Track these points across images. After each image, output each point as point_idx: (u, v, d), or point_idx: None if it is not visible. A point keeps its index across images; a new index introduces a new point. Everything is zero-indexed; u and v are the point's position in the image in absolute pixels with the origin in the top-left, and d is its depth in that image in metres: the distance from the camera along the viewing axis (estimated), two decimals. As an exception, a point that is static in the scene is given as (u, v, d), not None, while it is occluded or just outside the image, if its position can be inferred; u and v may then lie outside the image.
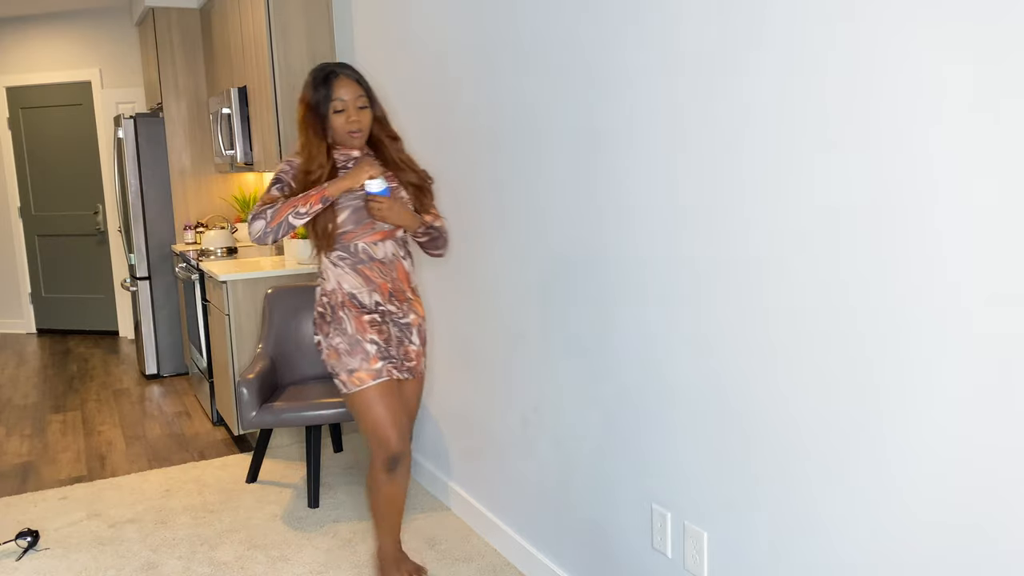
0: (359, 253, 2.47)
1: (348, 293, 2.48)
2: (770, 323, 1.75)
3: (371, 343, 2.47)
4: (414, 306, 2.58)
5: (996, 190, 1.30)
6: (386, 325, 2.51)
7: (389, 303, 2.51)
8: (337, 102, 2.40)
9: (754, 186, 1.75)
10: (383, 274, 2.49)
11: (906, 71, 1.41)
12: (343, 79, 2.42)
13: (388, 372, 2.49)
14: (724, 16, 1.77)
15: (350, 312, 2.47)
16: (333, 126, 2.42)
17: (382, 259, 2.49)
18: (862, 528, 1.60)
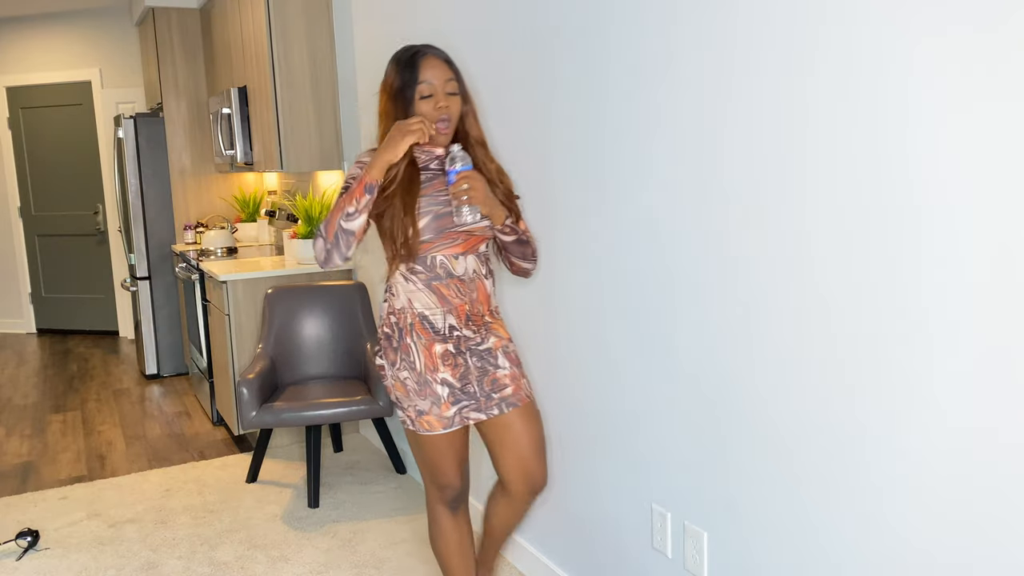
0: (436, 267, 2.07)
1: (420, 314, 2.08)
2: (772, 323, 1.75)
3: (443, 384, 2.08)
4: (494, 329, 2.16)
5: (996, 190, 1.30)
6: (462, 356, 2.10)
7: (465, 327, 2.10)
8: (424, 85, 2.01)
9: (768, 188, 1.75)
10: (461, 294, 2.08)
11: (901, 70, 1.41)
12: (432, 59, 2.04)
13: (463, 419, 2.11)
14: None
15: (419, 340, 2.08)
16: (420, 114, 2.03)
17: (461, 276, 2.08)
18: (862, 528, 1.60)
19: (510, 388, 2.13)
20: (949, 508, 1.43)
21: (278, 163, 4.04)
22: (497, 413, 2.13)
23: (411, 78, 2.02)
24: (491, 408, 2.12)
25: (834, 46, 1.54)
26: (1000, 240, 1.30)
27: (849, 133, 1.53)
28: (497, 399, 2.12)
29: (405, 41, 3.30)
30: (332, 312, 3.86)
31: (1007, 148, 1.28)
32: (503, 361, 2.14)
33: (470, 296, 2.10)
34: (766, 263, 1.74)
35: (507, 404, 2.13)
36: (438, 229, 2.05)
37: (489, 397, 2.12)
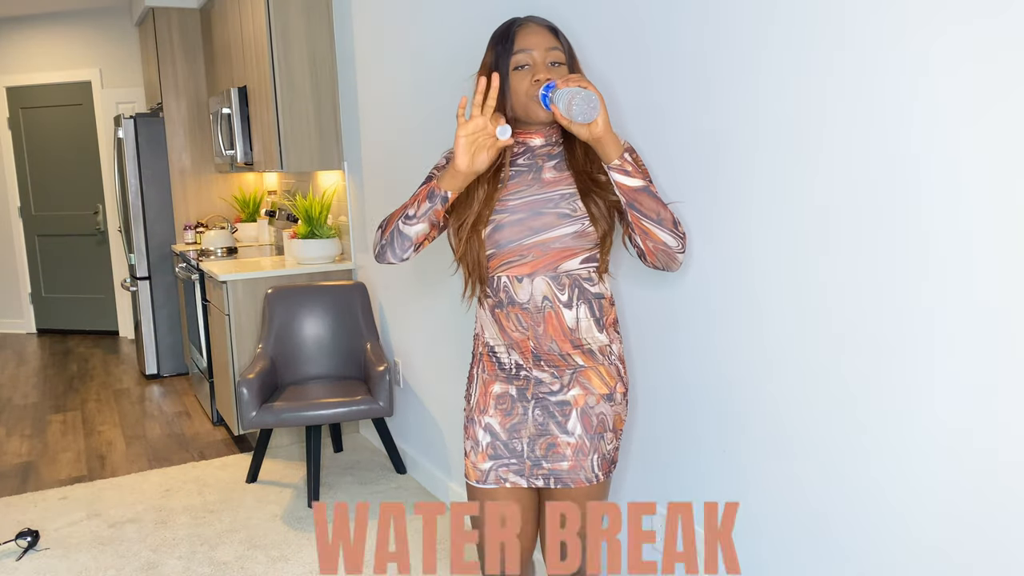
0: (500, 291, 1.72)
1: (488, 345, 1.76)
2: (773, 323, 1.75)
3: (485, 430, 1.76)
4: (584, 378, 1.72)
5: (997, 190, 1.30)
6: (523, 404, 1.73)
7: (536, 368, 1.72)
8: (520, 55, 1.65)
9: (761, 190, 1.75)
10: (522, 327, 1.71)
11: (909, 71, 1.41)
12: (531, 26, 1.68)
13: (498, 480, 1.75)
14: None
15: (483, 373, 1.78)
16: (514, 92, 1.66)
17: (524, 304, 1.70)
18: (862, 528, 1.60)
19: (568, 463, 1.72)
20: (951, 508, 1.43)
21: (278, 163, 4.04)
22: (542, 485, 1.74)
23: (505, 49, 1.66)
24: (536, 477, 1.74)
25: (843, 45, 1.54)
26: (1003, 240, 1.31)
27: (859, 136, 1.53)
28: (547, 469, 1.73)
29: (405, 41, 3.30)
30: (332, 312, 3.86)
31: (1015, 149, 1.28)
32: (575, 425, 1.71)
33: (535, 330, 1.70)
34: (769, 264, 1.74)
35: (556, 479, 1.73)
36: (501, 240, 1.68)
37: (537, 464, 1.73)
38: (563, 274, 1.69)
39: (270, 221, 5.15)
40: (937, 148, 1.38)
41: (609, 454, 1.74)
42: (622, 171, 1.58)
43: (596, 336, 1.72)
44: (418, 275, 3.44)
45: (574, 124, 1.53)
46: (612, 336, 1.74)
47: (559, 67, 1.66)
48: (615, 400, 1.73)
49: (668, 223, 1.63)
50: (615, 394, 1.73)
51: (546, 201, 1.68)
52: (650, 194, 1.61)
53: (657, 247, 1.64)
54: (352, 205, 4.12)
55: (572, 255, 1.68)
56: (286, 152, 4.04)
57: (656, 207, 1.62)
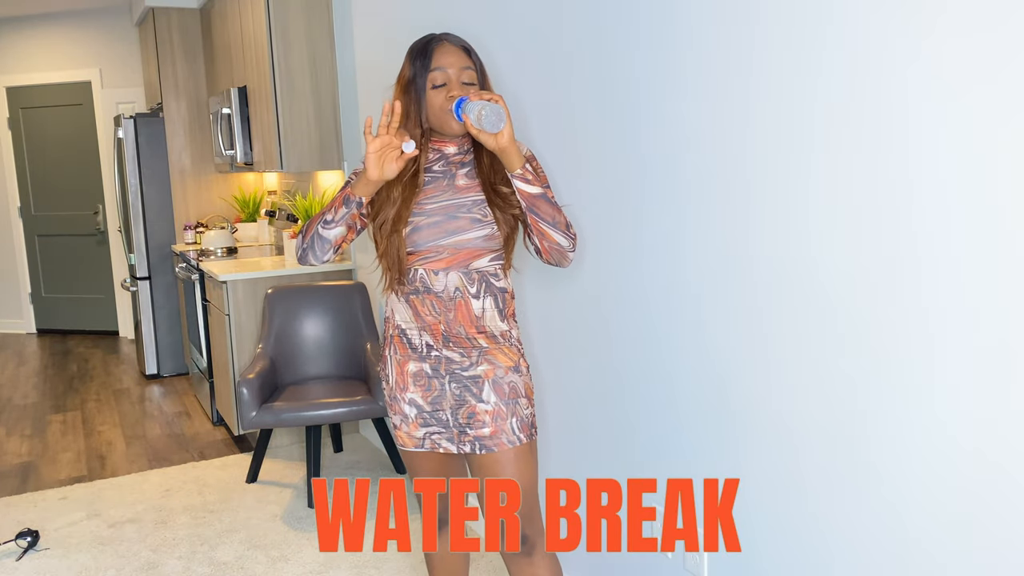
0: (416, 281, 1.90)
1: (399, 327, 1.95)
2: (771, 323, 1.75)
3: (410, 404, 1.94)
4: (490, 355, 1.90)
5: (996, 190, 1.30)
6: (439, 380, 1.91)
7: (446, 348, 1.90)
8: (437, 73, 1.83)
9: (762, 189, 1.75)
10: (435, 312, 1.89)
11: (900, 67, 1.41)
12: (447, 45, 1.85)
13: (433, 445, 1.94)
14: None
15: (395, 354, 1.96)
16: (430, 106, 1.84)
17: (439, 293, 1.89)
18: (863, 529, 1.60)
19: (488, 428, 1.88)
20: (953, 508, 1.43)
21: (278, 163, 4.05)
22: (469, 451, 1.90)
23: (423, 66, 1.84)
24: (463, 444, 1.91)
25: (838, 46, 1.54)
26: (1001, 239, 1.31)
27: (856, 130, 1.53)
28: (472, 436, 1.89)
29: (404, 41, 3.30)
30: (332, 312, 3.86)
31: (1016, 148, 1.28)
32: (489, 394, 1.88)
33: (446, 316, 1.88)
34: (768, 260, 1.74)
35: (481, 445, 1.89)
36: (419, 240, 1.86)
37: (463, 431, 1.90)
38: (473, 270, 1.89)
39: (270, 221, 5.15)
40: (938, 147, 1.38)
41: (527, 418, 1.93)
42: (523, 179, 1.79)
43: (498, 324, 1.93)
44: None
45: (483, 134, 1.73)
46: (511, 324, 1.96)
47: (471, 86, 1.85)
48: (521, 372, 1.94)
49: (561, 226, 1.84)
50: (519, 367, 1.94)
51: (459, 206, 1.87)
52: (547, 200, 1.82)
53: (551, 247, 1.87)
54: (352, 205, 4.12)
55: (482, 255, 1.89)
56: (286, 152, 4.04)
57: (552, 211, 1.83)
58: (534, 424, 1.94)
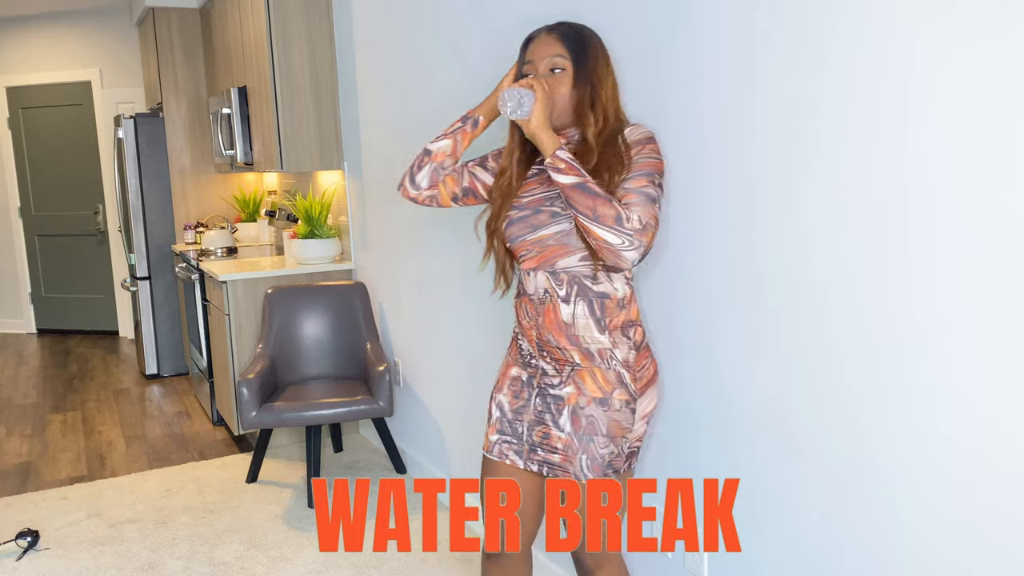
0: (519, 281, 1.83)
1: (515, 330, 1.90)
2: (769, 323, 1.75)
3: (497, 406, 1.87)
4: (579, 377, 1.74)
5: (996, 191, 1.30)
6: (528, 391, 1.83)
7: (542, 359, 1.79)
8: (526, 67, 1.77)
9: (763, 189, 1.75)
10: (529, 316, 1.79)
11: (901, 70, 1.41)
12: (542, 36, 1.76)
13: (502, 454, 1.85)
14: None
15: (509, 355, 1.90)
16: None
17: (531, 295, 1.78)
18: (863, 528, 1.60)
19: (558, 457, 1.76)
20: (953, 508, 1.43)
21: (278, 163, 4.05)
22: (536, 471, 1.81)
23: (520, 61, 1.79)
24: (532, 462, 1.81)
25: (840, 44, 1.54)
26: (1001, 238, 1.31)
27: (860, 134, 1.53)
28: (541, 457, 1.79)
29: (405, 41, 3.30)
30: (332, 312, 3.86)
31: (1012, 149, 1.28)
32: (565, 422, 1.74)
33: (537, 320, 1.76)
34: (769, 259, 1.74)
35: (549, 469, 1.78)
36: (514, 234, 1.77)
37: (534, 449, 1.80)
38: (561, 270, 1.73)
39: (270, 221, 5.15)
40: (938, 148, 1.38)
41: (602, 458, 1.73)
42: (555, 168, 1.64)
43: (596, 336, 1.72)
44: (418, 275, 3.44)
45: (517, 121, 1.67)
46: (617, 340, 1.73)
47: (560, 72, 1.72)
48: (610, 406, 1.72)
49: (606, 220, 1.61)
50: (611, 399, 1.72)
51: (545, 199, 1.76)
52: (585, 191, 1.62)
53: (598, 245, 1.64)
54: (352, 205, 4.13)
55: (568, 252, 1.72)
56: (286, 152, 4.04)
57: (592, 204, 1.62)
58: (613, 465, 1.75)
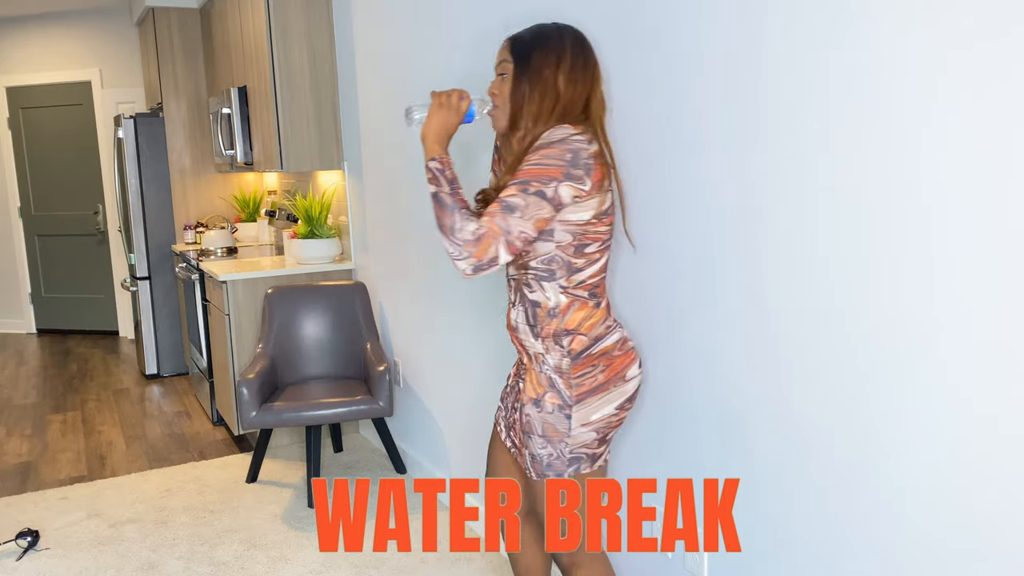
0: None
1: None
2: (770, 323, 1.75)
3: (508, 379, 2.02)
4: (527, 375, 1.84)
5: (997, 191, 1.30)
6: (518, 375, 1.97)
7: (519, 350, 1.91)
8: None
9: (763, 186, 1.75)
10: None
11: (912, 69, 1.41)
12: (504, 42, 1.83)
13: (496, 420, 2.02)
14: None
15: None
16: None
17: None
18: (864, 528, 1.60)
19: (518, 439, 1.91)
20: (952, 508, 1.43)
21: (278, 163, 4.05)
22: (510, 446, 1.95)
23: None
24: (507, 438, 1.96)
25: (841, 47, 1.54)
26: (1002, 237, 1.31)
27: (859, 131, 1.53)
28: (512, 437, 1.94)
29: (404, 41, 3.30)
30: (332, 312, 3.86)
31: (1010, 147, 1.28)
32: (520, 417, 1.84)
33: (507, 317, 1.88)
34: (771, 259, 1.74)
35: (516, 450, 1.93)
36: None
37: (511, 427, 1.95)
38: (510, 276, 1.83)
39: (270, 221, 5.15)
40: (940, 146, 1.38)
41: (541, 458, 1.78)
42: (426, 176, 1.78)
43: (532, 341, 1.79)
44: (418, 274, 3.44)
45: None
46: (549, 347, 1.77)
47: (503, 77, 1.79)
48: (543, 408, 1.77)
49: (444, 229, 1.68)
50: (543, 402, 1.77)
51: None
52: (437, 200, 1.70)
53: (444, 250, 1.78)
54: (352, 205, 4.12)
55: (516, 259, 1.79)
56: (286, 152, 4.04)
57: (439, 213, 1.70)
58: (554, 468, 1.78)
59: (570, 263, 1.74)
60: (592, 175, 1.69)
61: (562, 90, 1.73)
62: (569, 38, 1.77)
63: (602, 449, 1.81)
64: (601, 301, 1.80)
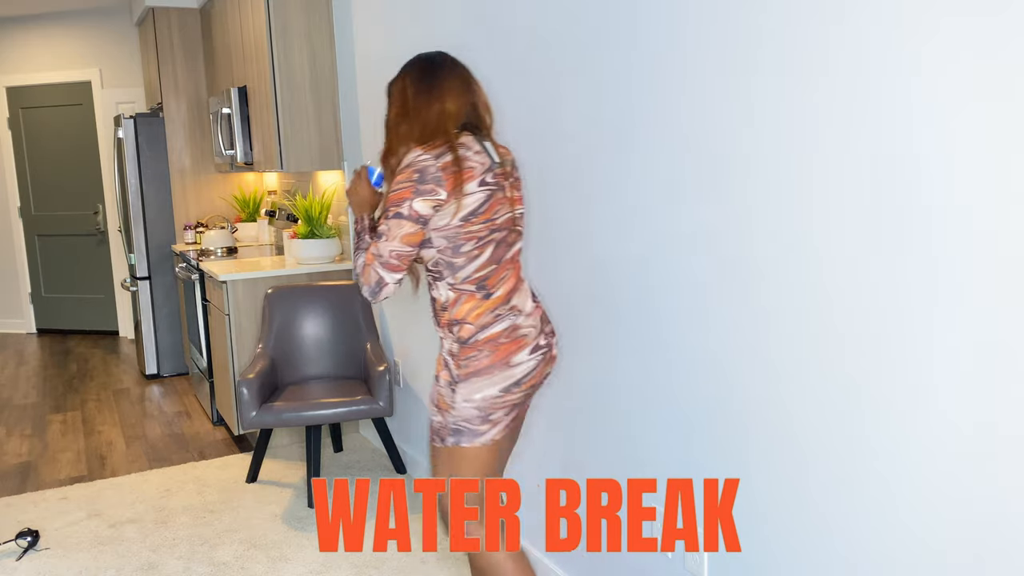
0: None
1: None
2: (771, 322, 1.75)
3: None
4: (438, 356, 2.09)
5: (997, 189, 1.30)
6: None
7: None
8: None
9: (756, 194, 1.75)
10: None
11: (905, 70, 1.42)
12: None
13: None
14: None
15: None
16: None
17: None
18: (862, 528, 1.60)
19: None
20: (952, 507, 1.43)
21: (278, 163, 4.05)
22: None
23: None
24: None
25: (841, 46, 1.54)
26: (1004, 238, 1.31)
27: (856, 132, 1.53)
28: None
29: (405, 41, 3.30)
30: (332, 312, 3.86)
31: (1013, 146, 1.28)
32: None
33: None
34: (770, 262, 1.74)
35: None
36: None
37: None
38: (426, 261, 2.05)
39: (270, 221, 5.15)
40: (938, 145, 1.38)
41: (431, 424, 2.03)
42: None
43: (436, 329, 2.06)
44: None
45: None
46: (445, 333, 2.02)
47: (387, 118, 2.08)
48: (439, 383, 2.01)
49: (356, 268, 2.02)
50: (439, 377, 2.02)
51: None
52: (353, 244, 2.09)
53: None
54: (352, 205, 4.12)
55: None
56: (286, 152, 4.04)
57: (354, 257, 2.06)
58: (441, 435, 2.01)
59: (451, 263, 1.96)
60: (444, 185, 1.89)
61: (411, 113, 1.99)
62: (417, 64, 2.02)
63: (485, 428, 1.97)
64: (492, 293, 1.98)
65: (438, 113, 1.96)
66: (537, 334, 2.02)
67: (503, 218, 1.99)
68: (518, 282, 2.04)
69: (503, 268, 2.00)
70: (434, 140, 1.93)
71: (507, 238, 2.01)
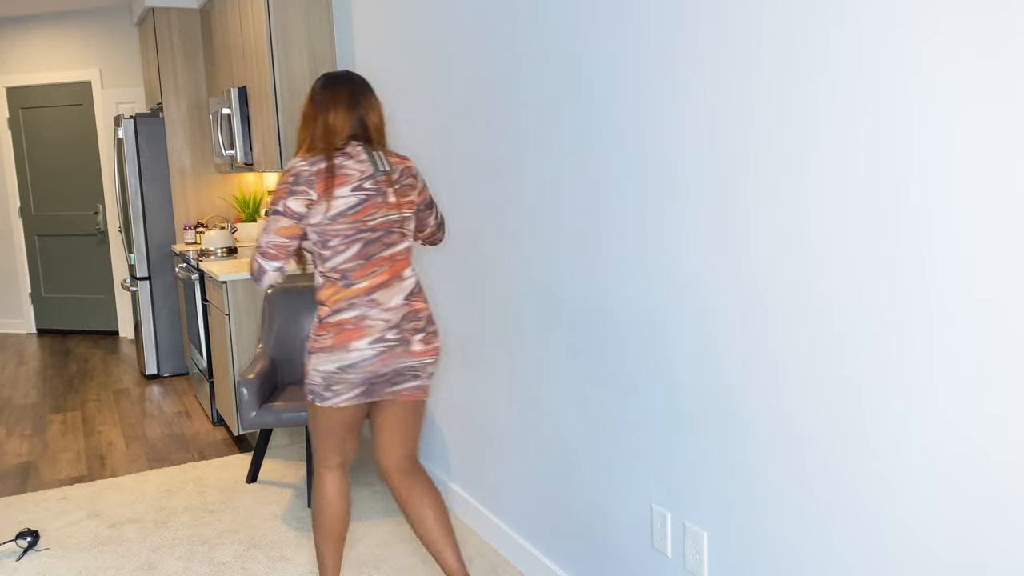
0: None
1: None
2: (770, 322, 1.75)
3: None
4: None
5: (996, 190, 1.30)
6: None
7: None
8: None
9: (756, 194, 1.75)
10: None
11: (904, 70, 1.42)
12: None
13: None
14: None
15: None
16: None
17: None
18: (862, 527, 1.60)
19: None
20: (950, 507, 1.43)
21: (278, 163, 4.04)
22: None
23: None
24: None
25: (841, 46, 1.54)
26: (1002, 237, 1.31)
27: (855, 133, 1.53)
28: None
29: (404, 40, 3.30)
30: (332, 312, 3.86)
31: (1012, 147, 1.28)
32: None
33: None
34: (766, 259, 1.74)
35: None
36: None
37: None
38: None
39: (270, 221, 5.14)
40: (938, 146, 1.38)
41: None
42: None
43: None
44: (417, 273, 3.44)
45: None
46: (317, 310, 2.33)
47: None
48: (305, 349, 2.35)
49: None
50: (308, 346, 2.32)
51: None
52: None
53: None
54: (352, 205, 4.12)
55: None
56: (286, 152, 4.04)
57: None
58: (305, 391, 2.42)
59: (321, 254, 2.26)
60: (316, 188, 2.20)
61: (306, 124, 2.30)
62: (318, 81, 2.34)
63: (329, 395, 2.27)
64: (354, 284, 2.25)
65: (323, 125, 2.27)
66: (387, 328, 2.24)
67: (378, 220, 2.25)
68: (391, 279, 2.28)
69: (374, 264, 2.25)
70: (316, 149, 2.25)
71: (384, 238, 2.26)
